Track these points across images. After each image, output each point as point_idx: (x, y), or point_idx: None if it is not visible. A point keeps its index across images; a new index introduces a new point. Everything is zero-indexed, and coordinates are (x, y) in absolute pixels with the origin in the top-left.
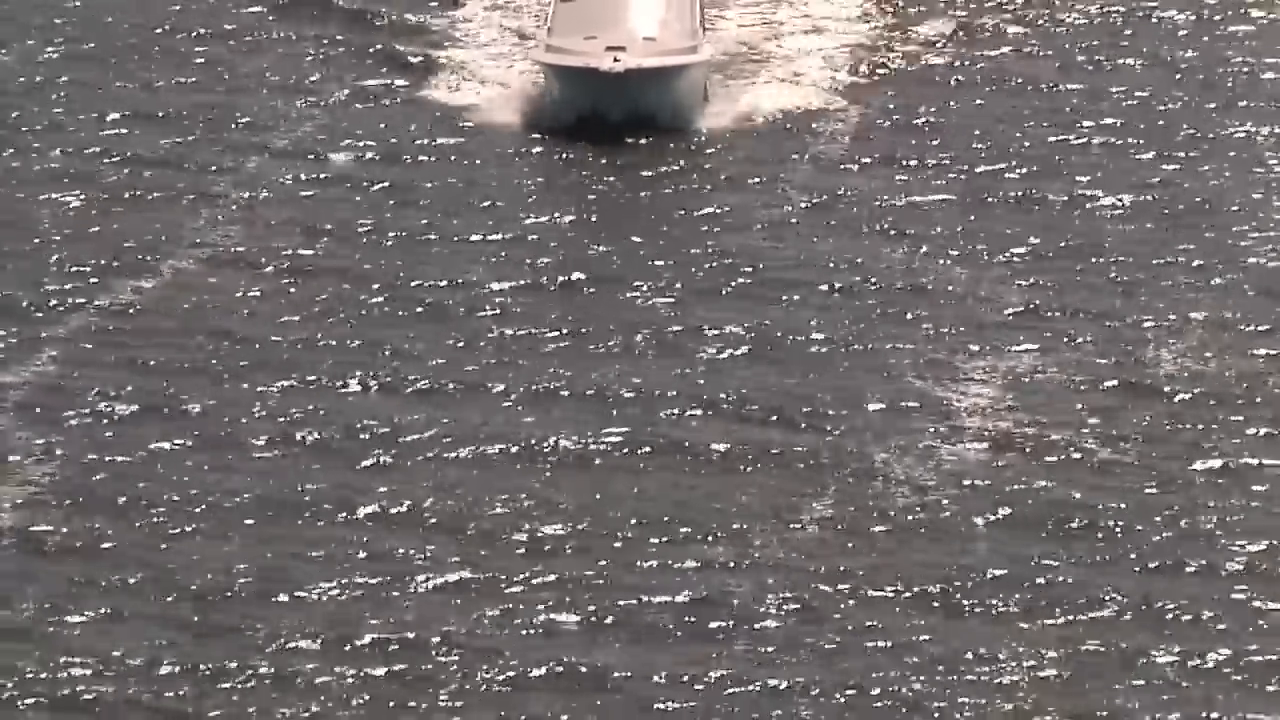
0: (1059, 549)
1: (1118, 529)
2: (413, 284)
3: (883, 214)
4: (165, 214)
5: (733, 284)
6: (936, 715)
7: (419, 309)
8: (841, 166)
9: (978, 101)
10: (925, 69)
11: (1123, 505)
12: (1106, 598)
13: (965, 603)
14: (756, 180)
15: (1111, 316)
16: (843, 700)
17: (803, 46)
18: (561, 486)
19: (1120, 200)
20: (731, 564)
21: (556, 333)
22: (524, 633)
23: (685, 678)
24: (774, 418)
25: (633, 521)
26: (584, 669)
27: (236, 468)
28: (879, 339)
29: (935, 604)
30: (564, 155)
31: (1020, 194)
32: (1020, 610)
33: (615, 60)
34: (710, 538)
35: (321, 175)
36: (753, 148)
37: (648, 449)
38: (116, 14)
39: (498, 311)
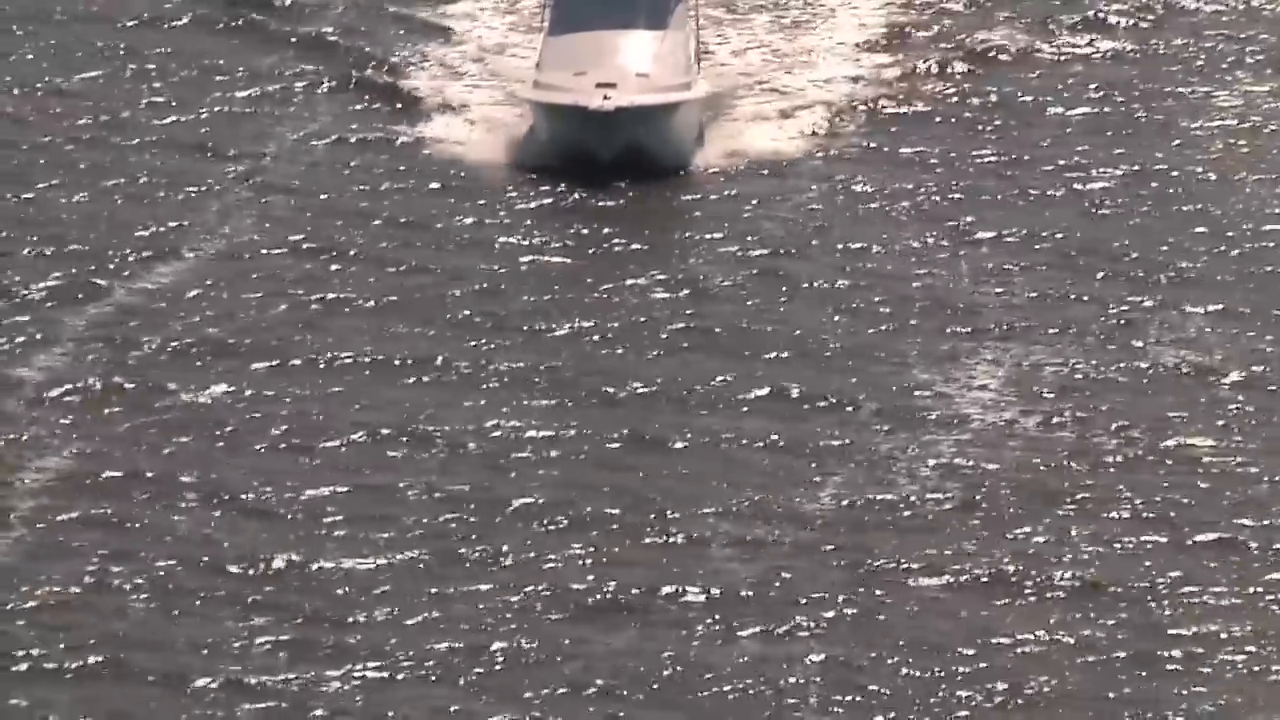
0: (1057, 533)
1: (1115, 514)
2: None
3: (880, 240)
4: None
5: (722, 319)
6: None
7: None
8: (838, 198)
9: (977, 125)
10: (925, 99)
11: (1120, 489)
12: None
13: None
14: (747, 218)
15: (1112, 310)
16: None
17: (802, 82)
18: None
19: (1120, 200)
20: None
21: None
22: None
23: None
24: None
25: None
26: None
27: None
28: (884, 339)
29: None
30: (551, 195)
31: (1021, 205)
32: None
33: (605, 97)
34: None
35: (306, 214)
36: (748, 186)
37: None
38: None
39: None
